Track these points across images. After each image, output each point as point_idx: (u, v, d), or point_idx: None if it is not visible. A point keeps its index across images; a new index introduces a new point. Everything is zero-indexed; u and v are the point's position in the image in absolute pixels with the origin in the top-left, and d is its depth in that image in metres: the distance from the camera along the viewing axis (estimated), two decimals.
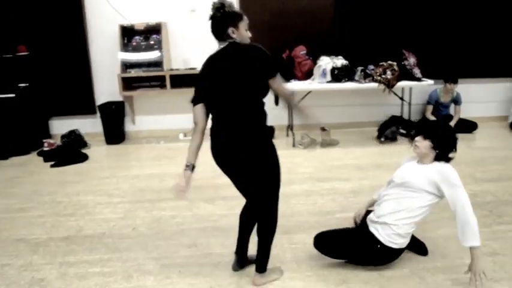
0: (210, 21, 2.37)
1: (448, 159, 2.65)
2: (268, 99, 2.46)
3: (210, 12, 2.37)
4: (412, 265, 2.76)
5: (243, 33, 2.39)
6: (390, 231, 2.61)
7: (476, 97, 6.66)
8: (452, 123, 6.12)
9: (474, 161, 4.85)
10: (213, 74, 2.38)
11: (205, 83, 2.40)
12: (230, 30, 2.34)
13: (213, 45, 2.44)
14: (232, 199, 2.76)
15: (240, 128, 2.35)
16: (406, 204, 2.62)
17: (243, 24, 2.40)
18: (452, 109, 6.37)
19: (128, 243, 3.19)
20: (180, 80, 5.89)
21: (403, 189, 2.65)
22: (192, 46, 6.03)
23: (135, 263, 2.90)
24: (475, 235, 2.40)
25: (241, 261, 2.76)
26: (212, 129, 2.46)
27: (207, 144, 2.45)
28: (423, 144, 2.64)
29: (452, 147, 2.67)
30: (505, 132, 6.28)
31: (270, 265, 2.65)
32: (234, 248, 2.76)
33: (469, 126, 6.19)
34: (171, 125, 6.36)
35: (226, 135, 2.37)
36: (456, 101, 6.27)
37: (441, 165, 2.60)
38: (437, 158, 2.64)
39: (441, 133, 2.68)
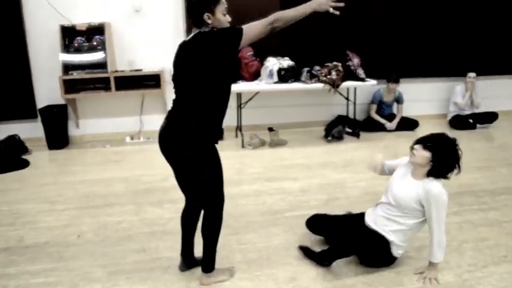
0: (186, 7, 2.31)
1: (443, 177, 2.56)
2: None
3: None
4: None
5: (220, 18, 2.28)
6: (395, 246, 2.68)
7: (417, 96, 6.92)
8: (395, 122, 6.38)
9: None
10: (175, 62, 2.37)
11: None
12: (205, 15, 2.24)
13: (158, 46, 2.41)
14: (180, 202, 2.72)
15: (187, 117, 2.30)
16: (405, 224, 2.63)
17: (220, 9, 2.27)
18: (395, 108, 6.63)
19: (73, 252, 3.08)
20: (125, 82, 5.72)
21: (399, 210, 2.63)
22: (137, 47, 5.88)
23: (81, 272, 2.81)
24: (443, 253, 2.59)
25: (187, 262, 2.74)
26: (169, 111, 2.41)
27: (155, 148, 2.42)
28: (421, 153, 2.53)
29: (453, 167, 2.54)
30: (444, 129, 6.55)
31: (220, 266, 2.65)
32: None
33: (411, 124, 6.45)
34: (117, 128, 6.18)
35: (175, 122, 2.35)
36: (398, 100, 6.52)
37: (430, 185, 2.52)
38: (431, 173, 2.55)
39: (446, 149, 2.52)
